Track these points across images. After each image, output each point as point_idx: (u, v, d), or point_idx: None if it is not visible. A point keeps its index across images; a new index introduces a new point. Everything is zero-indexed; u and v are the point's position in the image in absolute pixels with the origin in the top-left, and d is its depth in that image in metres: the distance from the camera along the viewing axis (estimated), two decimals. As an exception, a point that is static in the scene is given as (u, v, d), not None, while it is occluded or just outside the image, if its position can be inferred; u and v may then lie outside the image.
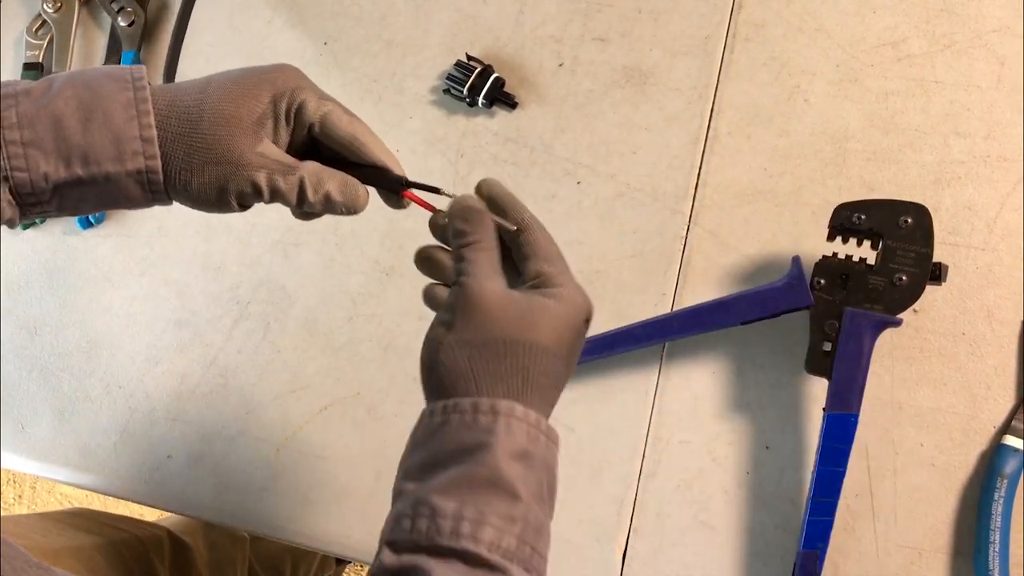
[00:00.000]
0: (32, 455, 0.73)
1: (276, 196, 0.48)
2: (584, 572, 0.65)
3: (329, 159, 0.50)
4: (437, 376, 0.46)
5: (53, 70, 0.77)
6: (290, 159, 0.48)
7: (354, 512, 0.68)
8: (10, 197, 0.46)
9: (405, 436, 0.72)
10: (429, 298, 0.50)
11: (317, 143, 0.50)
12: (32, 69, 0.77)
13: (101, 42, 0.78)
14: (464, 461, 0.43)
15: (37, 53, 0.77)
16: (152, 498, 0.71)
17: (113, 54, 0.77)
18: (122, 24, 0.76)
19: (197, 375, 0.72)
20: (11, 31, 0.79)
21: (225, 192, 0.48)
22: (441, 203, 0.50)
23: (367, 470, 0.69)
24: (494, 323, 0.45)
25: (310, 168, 0.48)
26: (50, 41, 0.78)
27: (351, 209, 0.50)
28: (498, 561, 0.41)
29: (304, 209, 0.50)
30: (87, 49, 0.79)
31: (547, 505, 0.45)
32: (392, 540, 0.42)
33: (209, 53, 0.76)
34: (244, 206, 0.50)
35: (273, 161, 0.48)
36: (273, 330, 0.72)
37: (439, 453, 0.43)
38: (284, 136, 0.49)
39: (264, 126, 0.48)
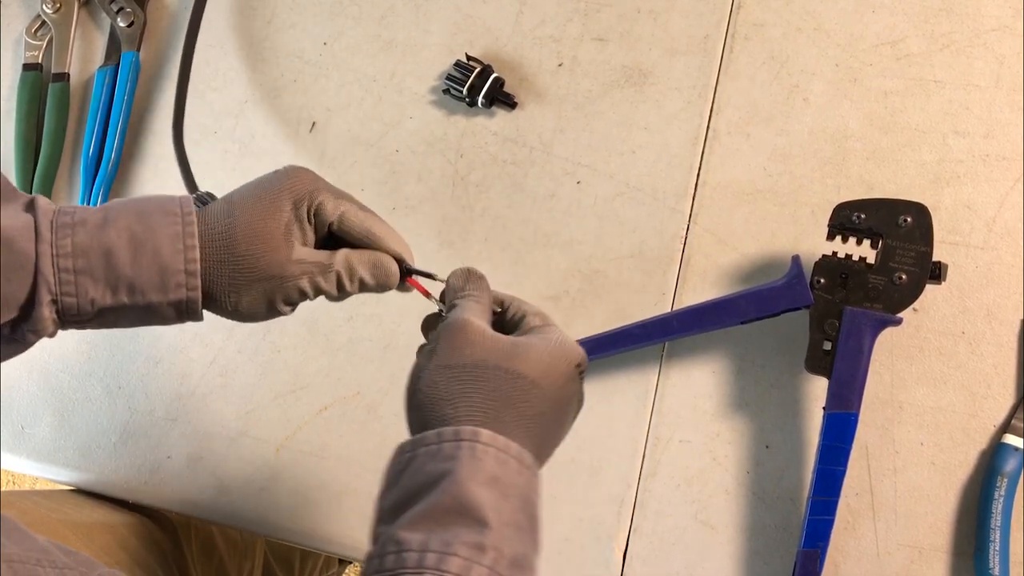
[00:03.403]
0: (32, 456, 0.73)
1: (318, 293, 0.51)
2: (584, 572, 0.65)
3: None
4: (417, 403, 0.46)
5: (52, 70, 0.77)
6: (324, 256, 0.51)
7: (354, 512, 0.68)
8: (55, 317, 0.49)
9: (405, 436, 0.72)
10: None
11: (335, 236, 0.53)
12: (31, 70, 0.77)
13: (100, 43, 0.78)
14: (430, 492, 0.41)
15: (36, 54, 0.77)
16: (152, 498, 0.71)
17: (112, 55, 0.77)
18: (121, 25, 0.76)
19: (197, 375, 0.72)
20: (10, 32, 0.79)
21: (274, 303, 0.51)
22: (436, 289, 0.54)
23: (367, 470, 0.69)
24: (476, 349, 0.46)
25: (341, 259, 0.51)
26: (49, 42, 0.78)
27: (384, 288, 0.53)
28: None
29: (342, 295, 0.52)
30: (86, 50, 0.79)
31: (528, 536, 0.42)
32: None
33: (208, 54, 0.76)
34: (293, 309, 0.52)
35: (311, 264, 0.51)
36: (273, 330, 0.72)
37: (408, 490, 0.43)
38: (310, 235, 0.52)
39: (292, 232, 0.51)
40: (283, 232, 0.50)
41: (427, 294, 0.54)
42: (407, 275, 0.53)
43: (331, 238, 0.53)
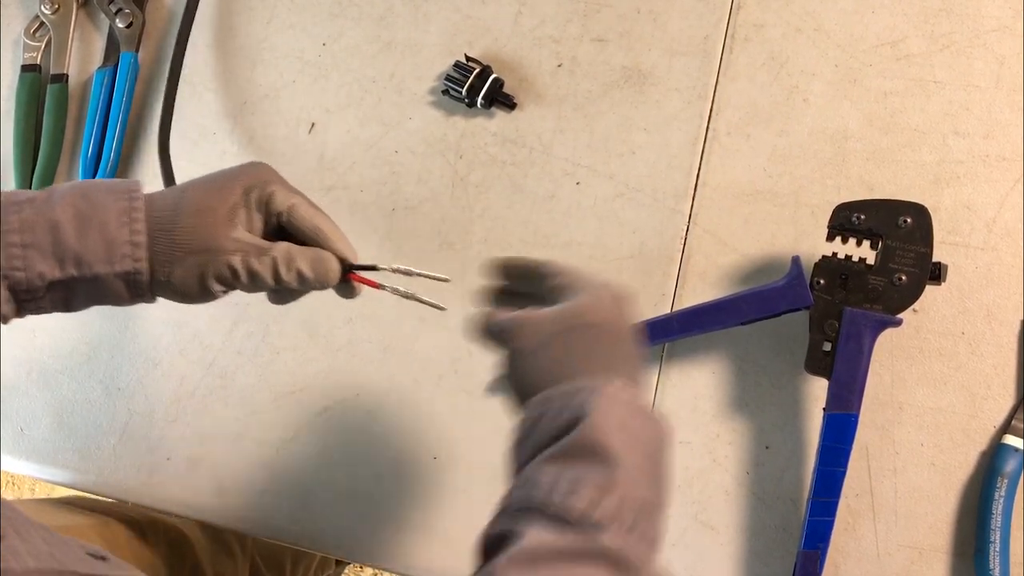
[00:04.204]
0: (31, 457, 0.73)
1: (253, 277, 0.52)
2: (584, 573, 0.65)
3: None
4: (516, 388, 0.49)
5: (51, 72, 0.77)
6: (263, 242, 0.52)
7: (354, 514, 0.68)
8: (8, 295, 0.50)
9: (405, 437, 0.71)
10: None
11: (287, 233, 0.54)
12: (30, 71, 0.77)
13: (99, 44, 0.78)
14: (563, 437, 0.44)
15: (35, 55, 0.77)
16: (151, 500, 0.71)
17: (111, 56, 0.77)
18: (120, 25, 0.76)
19: (196, 377, 0.72)
20: (9, 33, 0.79)
21: (205, 278, 0.51)
22: (381, 278, 0.54)
23: (367, 472, 0.69)
24: (541, 329, 0.48)
25: (281, 248, 0.52)
26: (48, 43, 0.77)
27: (323, 284, 0.53)
28: (591, 519, 0.41)
29: (280, 287, 0.53)
30: (85, 51, 0.79)
31: (655, 487, 0.44)
32: (495, 514, 0.44)
33: (207, 55, 0.76)
34: (225, 291, 0.53)
35: (247, 244, 0.51)
36: (272, 332, 0.72)
37: (539, 441, 0.45)
38: (257, 224, 0.53)
39: (237, 215, 0.52)
40: (228, 211, 0.51)
41: (377, 286, 0.54)
42: (348, 272, 0.54)
43: (281, 234, 0.54)
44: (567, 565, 0.40)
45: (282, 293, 0.55)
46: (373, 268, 0.54)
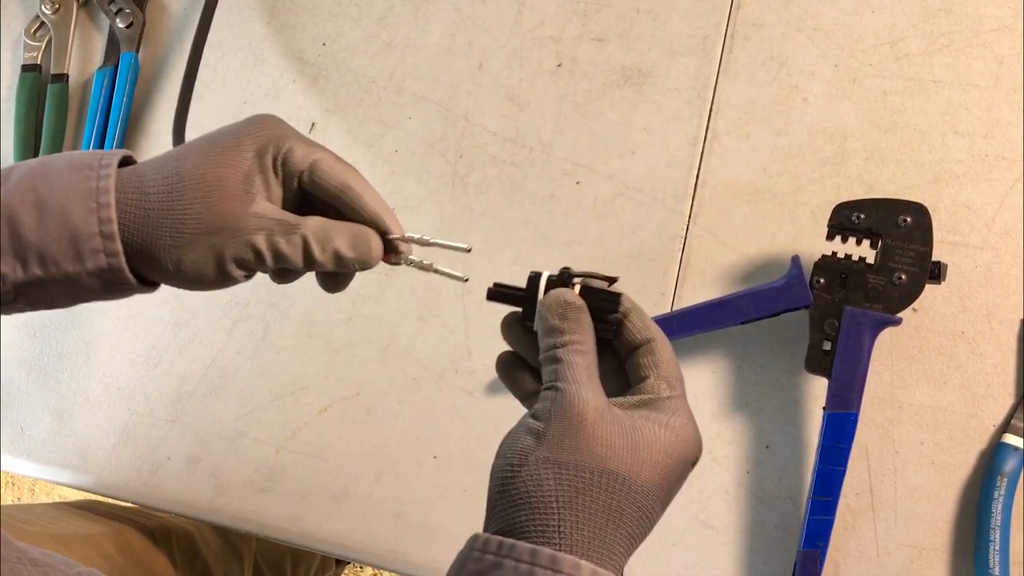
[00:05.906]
0: (31, 457, 0.73)
1: (280, 259, 0.44)
2: (584, 572, 0.65)
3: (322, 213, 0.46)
4: (514, 491, 0.39)
5: (51, 72, 0.77)
6: (290, 216, 0.44)
7: (354, 513, 0.68)
8: None
9: (405, 437, 0.71)
10: (510, 378, 0.45)
11: (309, 197, 0.46)
12: (30, 70, 0.77)
13: (99, 43, 0.78)
14: None
15: (36, 55, 0.77)
16: (151, 499, 0.71)
17: (111, 56, 0.77)
18: (120, 25, 0.76)
19: (196, 376, 0.72)
20: (9, 33, 0.79)
21: (223, 263, 0.43)
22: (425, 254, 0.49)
23: (367, 471, 0.69)
24: (593, 446, 0.39)
25: (313, 224, 0.44)
26: (48, 42, 0.78)
27: (364, 264, 0.45)
28: None
29: (310, 270, 0.46)
30: (85, 51, 0.79)
31: None
32: None
33: (207, 55, 0.76)
34: (246, 275, 0.45)
35: (272, 220, 0.43)
36: (272, 331, 0.72)
37: None
38: (276, 191, 0.45)
39: (253, 183, 0.44)
40: (241, 180, 0.43)
41: (397, 261, 0.48)
42: (392, 247, 0.47)
43: (303, 201, 0.46)
44: None
45: (290, 275, 0.47)
46: (424, 243, 0.48)
